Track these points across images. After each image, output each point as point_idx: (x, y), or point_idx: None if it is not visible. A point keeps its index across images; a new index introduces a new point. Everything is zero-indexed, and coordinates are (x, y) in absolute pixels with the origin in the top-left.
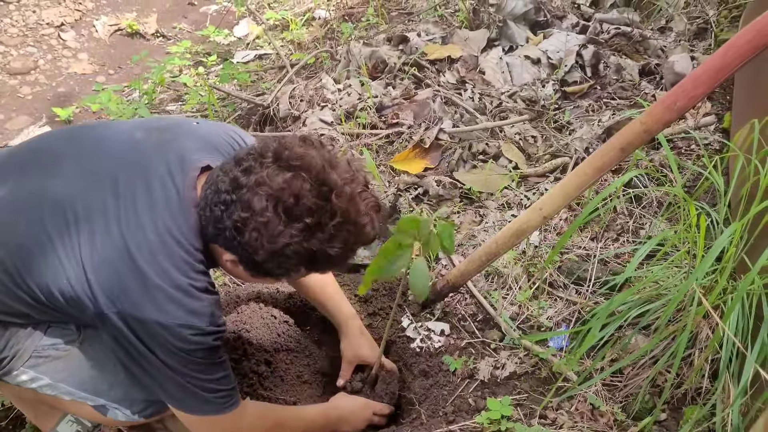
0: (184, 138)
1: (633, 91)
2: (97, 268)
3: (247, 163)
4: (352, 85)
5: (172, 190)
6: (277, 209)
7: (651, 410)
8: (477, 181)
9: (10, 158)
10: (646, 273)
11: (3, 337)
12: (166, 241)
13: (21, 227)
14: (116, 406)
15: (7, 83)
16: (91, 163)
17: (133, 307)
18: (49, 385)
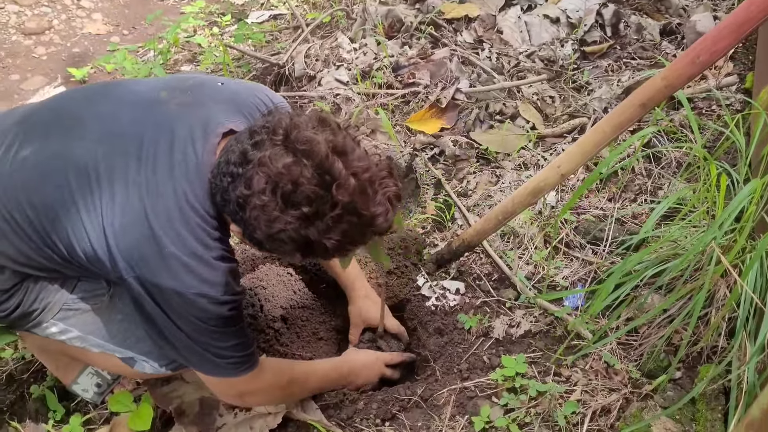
0: (208, 100)
1: (654, 51)
2: (117, 233)
3: (258, 137)
4: (368, 44)
5: (191, 156)
6: (275, 193)
7: (666, 368)
8: (494, 142)
9: (30, 117)
10: (663, 233)
11: (33, 291)
12: (183, 208)
13: (47, 189)
14: (144, 359)
15: (22, 43)
16: (114, 126)
17: (150, 274)
18: (78, 338)
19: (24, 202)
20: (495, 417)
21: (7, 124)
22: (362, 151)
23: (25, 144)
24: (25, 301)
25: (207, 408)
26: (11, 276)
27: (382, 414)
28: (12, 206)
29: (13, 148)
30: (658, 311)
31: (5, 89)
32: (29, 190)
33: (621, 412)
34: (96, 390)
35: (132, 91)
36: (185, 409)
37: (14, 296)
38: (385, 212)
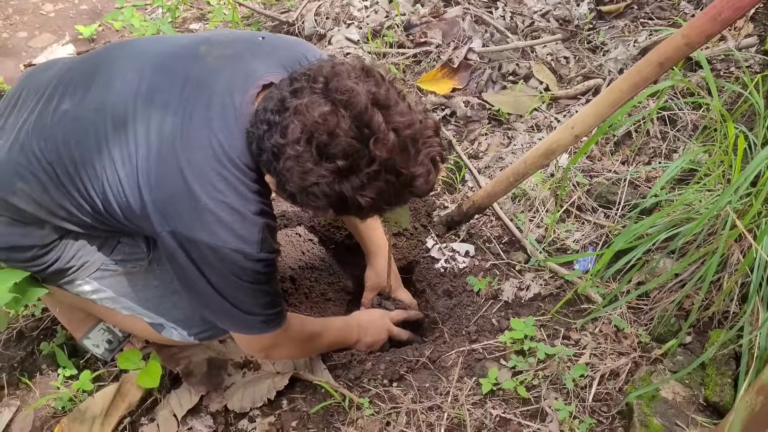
0: (247, 54)
1: (672, 11)
2: (152, 189)
3: (298, 84)
4: (379, 2)
5: (230, 107)
6: (310, 144)
7: (676, 333)
8: (506, 103)
9: (70, 70)
10: (677, 197)
11: (73, 248)
12: (220, 159)
13: (87, 143)
14: (173, 326)
15: (29, 0)
16: (153, 79)
17: (184, 227)
18: (110, 298)
19: (64, 155)
20: (503, 379)
21: (48, 76)
22: (406, 106)
23: (65, 97)
24: (63, 257)
25: (215, 368)
26: (51, 231)
27: (390, 374)
28: (53, 158)
29: (54, 100)
30: (670, 275)
31: (13, 46)
32: (69, 143)
33: (630, 376)
34: (107, 346)
35: (172, 44)
36: (192, 369)
37: (53, 251)
38: (427, 173)
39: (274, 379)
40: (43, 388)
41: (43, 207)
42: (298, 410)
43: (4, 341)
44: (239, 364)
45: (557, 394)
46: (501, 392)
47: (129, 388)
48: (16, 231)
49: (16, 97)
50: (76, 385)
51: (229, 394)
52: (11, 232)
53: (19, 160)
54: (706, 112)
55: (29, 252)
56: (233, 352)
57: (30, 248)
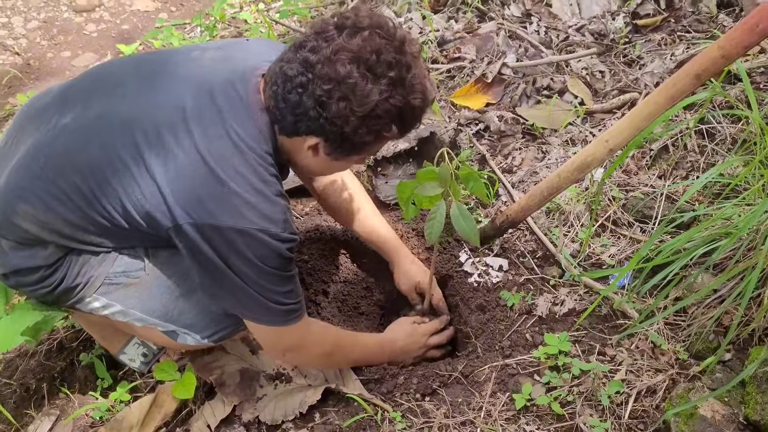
0: (239, 52)
1: (710, 24)
2: (171, 181)
3: (310, 44)
4: (413, 18)
5: (236, 98)
6: (361, 69)
7: (715, 350)
8: (540, 117)
9: (71, 87)
10: (715, 210)
11: (77, 264)
12: (239, 147)
13: (93, 151)
14: (186, 331)
15: (73, 21)
16: (154, 83)
17: (209, 215)
18: (120, 312)
19: (68, 168)
20: (536, 395)
21: (46, 100)
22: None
23: (66, 112)
24: (68, 275)
25: (247, 379)
26: (55, 251)
27: (423, 389)
28: (55, 174)
29: (53, 119)
30: (708, 291)
31: (57, 66)
32: (73, 153)
33: (667, 393)
34: (142, 359)
35: (166, 53)
36: (225, 379)
37: (58, 270)
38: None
39: (306, 392)
40: (81, 398)
41: (46, 227)
42: (331, 423)
43: (45, 352)
44: (271, 376)
45: (592, 411)
46: (535, 408)
47: (165, 398)
48: (21, 254)
49: (18, 127)
50: (114, 395)
51: (261, 405)
52: (17, 255)
53: (21, 182)
54: (746, 125)
55: (36, 274)
56: (266, 364)
57: (37, 269)
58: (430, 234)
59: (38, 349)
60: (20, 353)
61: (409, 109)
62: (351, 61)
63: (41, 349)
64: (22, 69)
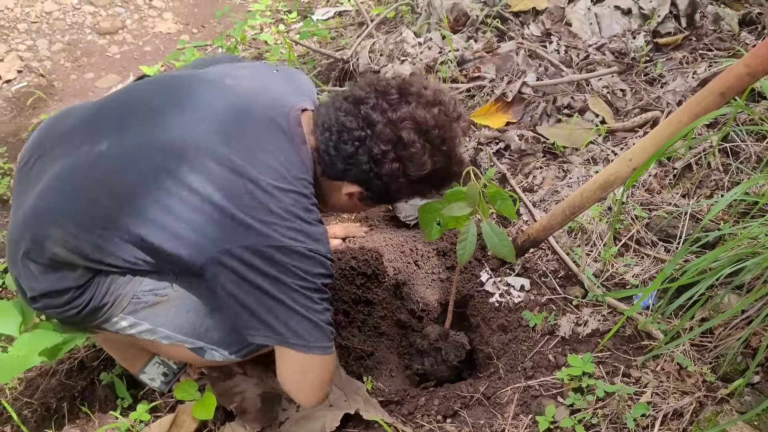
0: (273, 84)
1: (732, 42)
2: (214, 210)
3: (372, 101)
4: (432, 38)
5: (279, 132)
6: (422, 140)
7: (743, 372)
8: (561, 136)
9: (101, 112)
10: (740, 230)
11: (104, 284)
12: (284, 175)
13: (132, 178)
14: (213, 347)
15: (96, 43)
16: (194, 113)
17: (254, 240)
18: (148, 330)
19: (104, 194)
20: (560, 417)
21: (69, 123)
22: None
23: (100, 138)
24: (96, 295)
25: (268, 403)
26: (83, 273)
27: (444, 410)
28: (90, 200)
29: (86, 145)
30: (736, 311)
31: (80, 87)
32: (111, 182)
33: (694, 416)
34: (163, 379)
35: (198, 78)
36: (246, 406)
37: (87, 291)
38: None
39: (327, 416)
40: (102, 417)
41: (76, 251)
42: None
43: (66, 371)
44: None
45: None
46: (558, 431)
47: (184, 419)
48: (51, 276)
49: (39, 148)
50: (134, 415)
51: (284, 430)
52: (46, 278)
53: (53, 205)
54: None
55: (66, 295)
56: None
57: (66, 291)
58: (463, 254)
59: (59, 369)
60: (41, 372)
61: (449, 176)
62: (416, 131)
63: (62, 368)
64: (46, 90)
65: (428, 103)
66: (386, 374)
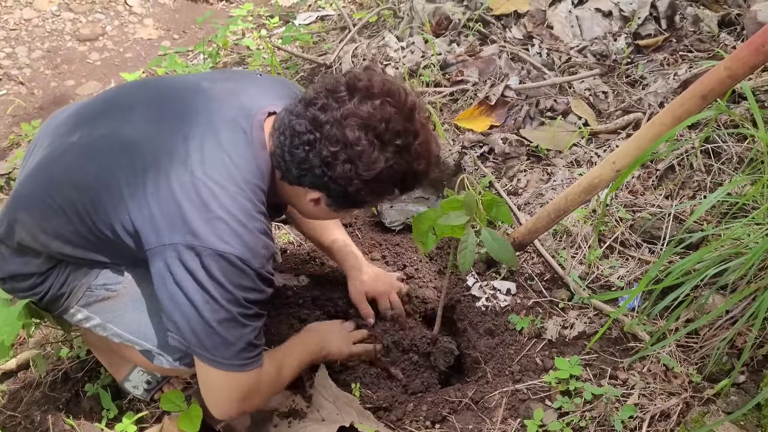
0: (249, 87)
1: (711, 43)
2: (160, 202)
3: (320, 101)
4: (415, 42)
5: (240, 133)
6: (369, 136)
7: (729, 372)
8: (544, 139)
9: (85, 108)
10: (724, 230)
11: (63, 274)
12: (235, 179)
13: (91, 169)
14: (160, 352)
15: (77, 49)
16: (161, 109)
17: (193, 236)
18: (100, 325)
19: (66, 183)
20: (548, 420)
21: (61, 118)
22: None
23: (75, 130)
24: (55, 284)
25: (259, 421)
26: (46, 260)
27: (432, 416)
28: (55, 188)
29: (64, 136)
30: (720, 312)
31: (61, 94)
32: (73, 170)
33: (681, 417)
34: (145, 387)
35: (177, 80)
36: (235, 425)
37: (48, 279)
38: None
39: (321, 430)
40: (87, 429)
41: (37, 239)
42: None
43: (50, 383)
44: (285, 414)
45: None
46: None
47: (171, 430)
48: (18, 260)
49: (37, 140)
50: (120, 427)
51: None
52: (14, 261)
53: (25, 192)
54: (752, 143)
55: (29, 280)
56: (277, 401)
57: (29, 276)
58: (464, 263)
59: (43, 380)
60: (25, 385)
61: (412, 173)
62: (360, 128)
63: (46, 380)
64: (26, 98)
65: (374, 96)
66: (374, 380)
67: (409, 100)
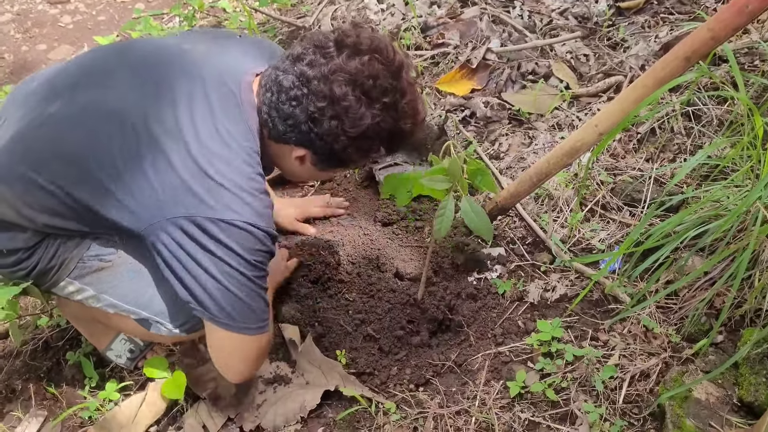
0: (232, 47)
1: (692, 5)
2: (158, 173)
3: (308, 57)
4: (395, 4)
5: (229, 95)
6: (356, 92)
7: (707, 332)
8: (526, 102)
9: (58, 75)
10: (704, 193)
11: (52, 247)
12: (228, 144)
13: (77, 140)
14: (158, 320)
15: (48, 12)
16: (144, 74)
17: (197, 210)
18: (93, 297)
19: (50, 155)
20: (531, 382)
21: (32, 87)
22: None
23: (53, 100)
24: (44, 258)
25: (243, 388)
26: (33, 235)
27: (416, 379)
28: (37, 161)
29: (40, 107)
30: (699, 273)
31: (32, 59)
32: (57, 141)
33: (660, 377)
34: (129, 356)
35: (157, 43)
36: (220, 392)
37: (35, 253)
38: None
39: (305, 395)
40: (70, 397)
41: (21, 213)
42: (324, 416)
43: (31, 351)
44: (269, 380)
45: (587, 397)
46: (529, 395)
47: (155, 397)
48: (2, 236)
49: (6, 112)
50: (103, 394)
51: (262, 412)
52: None
53: (3, 165)
54: (732, 106)
55: (14, 256)
56: (262, 368)
57: (15, 252)
58: (440, 230)
59: (23, 349)
60: (4, 354)
61: (398, 132)
62: (347, 83)
63: (26, 349)
64: None
65: (362, 52)
66: (356, 346)
67: (397, 58)
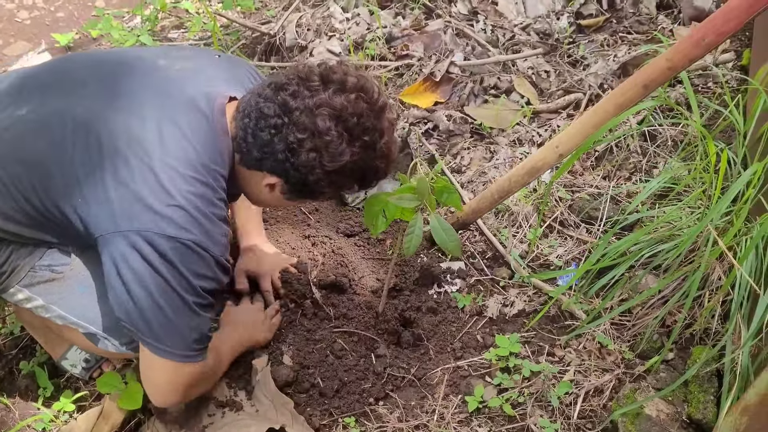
0: (208, 68)
1: (650, 25)
2: (118, 186)
3: (292, 87)
4: (360, 14)
5: (200, 117)
6: (339, 128)
7: (659, 350)
8: (488, 117)
9: (29, 78)
10: (659, 213)
11: (5, 252)
12: (195, 165)
13: (42, 146)
14: (105, 336)
15: (4, 7)
16: (115, 88)
17: (151, 223)
18: (42, 307)
19: (12, 158)
20: (488, 396)
21: (2, 86)
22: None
23: (22, 103)
24: None
25: (192, 407)
26: None
27: (376, 393)
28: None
29: (8, 109)
30: (653, 292)
31: None
32: (20, 145)
33: (614, 393)
34: (84, 365)
35: (133, 56)
36: (170, 410)
37: None
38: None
39: (252, 426)
40: (23, 409)
41: None
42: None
43: None
44: (222, 403)
45: (543, 412)
46: (487, 410)
47: (112, 409)
48: None
49: None
50: (57, 405)
51: None
52: None
53: None
54: (686, 127)
55: None
56: (216, 389)
57: None
58: (409, 247)
59: None
60: None
61: (372, 170)
62: (331, 118)
63: None
64: None
65: (348, 90)
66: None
67: (380, 99)
